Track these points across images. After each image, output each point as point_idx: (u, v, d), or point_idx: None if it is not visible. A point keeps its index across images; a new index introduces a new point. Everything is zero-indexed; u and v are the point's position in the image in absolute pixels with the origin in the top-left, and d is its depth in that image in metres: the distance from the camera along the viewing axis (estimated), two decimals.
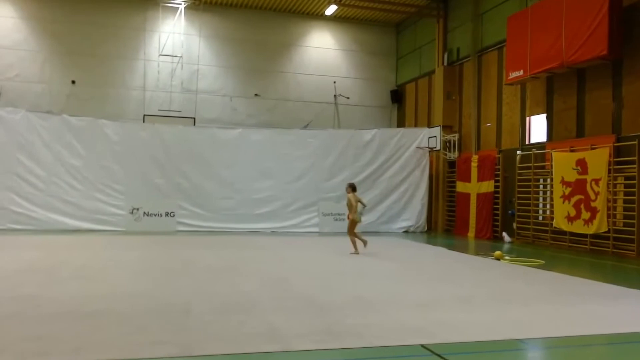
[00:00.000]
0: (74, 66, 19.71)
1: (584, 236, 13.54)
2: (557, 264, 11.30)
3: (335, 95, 22.37)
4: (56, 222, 16.39)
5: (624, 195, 12.93)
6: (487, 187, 17.02)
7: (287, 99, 21.89)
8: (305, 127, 20.76)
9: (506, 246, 14.76)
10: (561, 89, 14.68)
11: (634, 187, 12.43)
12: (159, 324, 5.48)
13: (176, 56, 20.57)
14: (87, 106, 19.16)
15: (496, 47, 17.20)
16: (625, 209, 12.78)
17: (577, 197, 13.65)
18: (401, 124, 22.59)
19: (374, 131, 19.50)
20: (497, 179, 16.82)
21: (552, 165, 14.52)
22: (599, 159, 13.07)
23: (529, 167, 15.44)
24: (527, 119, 16.03)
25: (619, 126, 12.98)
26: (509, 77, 15.51)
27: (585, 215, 13.38)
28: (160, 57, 20.48)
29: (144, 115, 19.95)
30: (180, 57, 20.58)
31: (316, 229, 18.35)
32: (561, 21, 13.60)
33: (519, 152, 15.92)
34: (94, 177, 17.02)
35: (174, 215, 17.47)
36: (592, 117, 13.74)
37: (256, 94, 21.55)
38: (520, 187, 15.85)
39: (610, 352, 5.38)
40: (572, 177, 13.79)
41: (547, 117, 15.21)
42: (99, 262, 10.01)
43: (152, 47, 20.57)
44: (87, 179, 16.96)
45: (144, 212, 17.24)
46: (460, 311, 6.41)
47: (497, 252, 11.96)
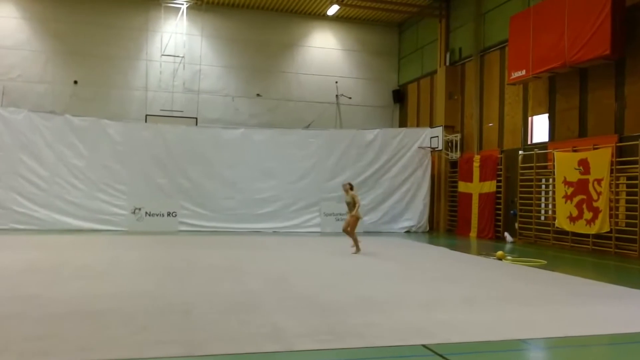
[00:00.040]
0: (76, 66, 19.75)
1: (586, 236, 13.52)
2: (559, 264, 11.29)
3: (337, 95, 22.36)
4: (58, 222, 16.43)
5: (627, 195, 12.91)
6: (489, 187, 17.00)
7: (289, 99, 21.90)
8: (307, 127, 20.75)
9: (508, 246, 14.74)
10: (563, 88, 14.66)
11: (637, 187, 12.42)
12: (162, 324, 5.50)
13: (178, 56, 20.58)
14: (90, 106, 19.19)
15: (498, 47, 17.19)
16: (627, 209, 12.75)
17: (579, 197, 13.63)
18: (403, 124, 22.58)
19: (376, 131, 19.50)
20: (499, 179, 16.80)
21: (554, 165, 14.50)
22: (601, 159, 13.05)
23: (531, 167, 15.43)
24: (530, 118, 16.01)
25: (621, 126, 12.96)
26: (511, 77, 15.50)
27: (587, 215, 13.36)
28: (162, 57, 20.50)
29: (146, 115, 19.98)
30: (182, 57, 20.60)
31: (318, 229, 18.35)
32: (563, 21, 13.59)
33: (521, 152, 15.90)
34: (97, 177, 17.06)
35: (176, 215, 17.50)
36: (594, 117, 13.72)
37: (258, 94, 21.56)
38: (522, 187, 15.83)
39: (612, 353, 5.38)
40: (575, 177, 13.77)
41: (549, 117, 15.19)
42: (101, 262, 10.03)
43: (154, 47, 20.60)
44: (89, 179, 17.00)
45: (146, 212, 17.27)
46: (462, 311, 6.42)
47: (499, 252, 11.96)
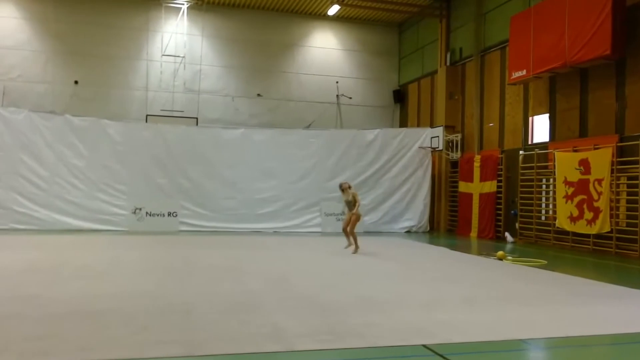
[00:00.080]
0: (76, 66, 19.74)
1: (587, 236, 13.51)
2: (559, 264, 11.28)
3: (337, 95, 22.35)
4: (59, 222, 16.43)
5: (627, 195, 12.90)
6: (490, 187, 17.00)
7: (290, 99, 21.89)
8: (307, 127, 20.75)
9: (509, 246, 14.73)
10: (564, 88, 14.65)
11: (637, 187, 12.41)
12: (162, 324, 5.49)
13: (179, 56, 20.58)
14: (90, 106, 19.17)
15: (499, 47, 17.18)
16: (628, 209, 12.75)
17: (579, 197, 13.62)
18: (404, 124, 22.57)
19: (377, 131, 19.49)
20: (499, 179, 16.79)
21: (554, 165, 14.49)
22: (601, 159, 13.04)
23: (531, 167, 15.42)
24: (530, 118, 16.01)
25: (622, 126, 12.95)
26: (512, 77, 15.49)
27: (588, 215, 13.35)
28: (162, 57, 20.49)
29: (147, 115, 19.98)
30: (182, 57, 20.60)
31: (318, 229, 18.34)
32: (564, 21, 13.57)
33: (521, 152, 15.89)
34: (97, 177, 17.05)
35: (176, 215, 17.49)
36: (595, 117, 13.71)
37: (259, 94, 21.55)
38: (522, 187, 15.82)
39: (612, 353, 5.37)
40: (575, 177, 13.76)
41: (549, 117, 15.18)
42: (101, 262, 10.02)
43: (154, 47, 20.59)
44: (89, 179, 16.99)
45: (147, 212, 17.26)
46: (462, 311, 6.41)
47: (500, 252, 11.94)
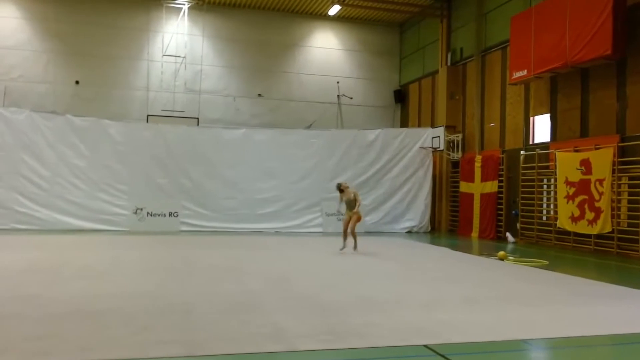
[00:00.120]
0: (77, 66, 19.75)
1: (588, 236, 13.50)
2: (561, 265, 11.28)
3: (338, 95, 22.34)
4: (60, 222, 16.44)
5: (628, 195, 12.89)
6: (491, 187, 16.99)
7: (291, 99, 21.89)
8: (308, 127, 20.74)
9: (510, 246, 14.72)
10: (565, 88, 14.64)
11: (639, 187, 12.41)
12: (163, 324, 5.49)
13: (180, 56, 20.58)
14: (91, 106, 19.18)
15: (500, 47, 17.17)
16: (629, 209, 12.73)
17: (581, 197, 13.61)
18: (404, 124, 22.55)
19: (378, 131, 19.49)
20: (500, 179, 16.78)
21: (556, 165, 14.48)
22: (603, 159, 13.03)
23: (532, 167, 15.41)
24: (531, 119, 15.99)
25: (623, 126, 12.94)
26: (513, 77, 15.47)
27: (589, 215, 13.34)
28: (163, 57, 20.49)
29: (148, 115, 19.99)
30: (183, 57, 20.60)
31: (320, 229, 18.33)
32: (565, 21, 13.56)
33: (522, 152, 15.88)
34: (98, 177, 17.06)
35: (177, 215, 17.50)
36: (596, 117, 13.70)
37: (259, 94, 21.55)
38: (524, 187, 15.81)
39: (614, 353, 5.37)
40: (576, 177, 13.75)
41: (550, 117, 15.17)
42: (102, 262, 10.02)
43: (155, 48, 20.59)
44: (90, 179, 17.00)
45: (148, 212, 17.27)
46: (463, 311, 6.41)
47: (501, 253, 11.93)
